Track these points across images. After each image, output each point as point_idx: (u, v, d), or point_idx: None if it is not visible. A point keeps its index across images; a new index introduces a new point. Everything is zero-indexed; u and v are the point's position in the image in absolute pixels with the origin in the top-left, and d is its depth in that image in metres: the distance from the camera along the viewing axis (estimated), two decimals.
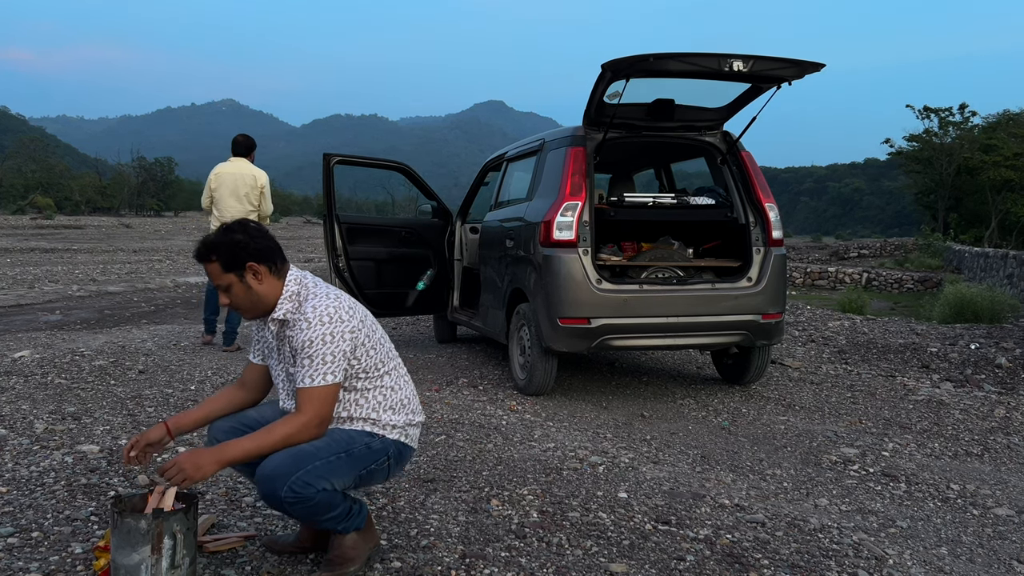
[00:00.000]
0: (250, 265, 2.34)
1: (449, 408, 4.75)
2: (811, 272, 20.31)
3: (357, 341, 2.38)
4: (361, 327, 2.40)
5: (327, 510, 2.33)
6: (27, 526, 2.75)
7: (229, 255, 2.32)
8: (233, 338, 6.78)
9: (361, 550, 2.49)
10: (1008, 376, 6.38)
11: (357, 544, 2.48)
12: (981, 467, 4.17)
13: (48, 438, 3.83)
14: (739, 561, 2.73)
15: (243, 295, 2.37)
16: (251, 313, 2.41)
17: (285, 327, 2.40)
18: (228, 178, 6.67)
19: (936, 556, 2.98)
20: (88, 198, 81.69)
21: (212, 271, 2.35)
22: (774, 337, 5.39)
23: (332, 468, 2.30)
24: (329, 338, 2.30)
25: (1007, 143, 40.16)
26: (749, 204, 5.43)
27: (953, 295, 10.70)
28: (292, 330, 2.35)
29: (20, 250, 22.53)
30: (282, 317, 2.39)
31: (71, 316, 9.52)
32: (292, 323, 2.36)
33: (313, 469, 2.25)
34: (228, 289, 2.36)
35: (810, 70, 4.86)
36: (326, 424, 2.34)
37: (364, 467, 2.39)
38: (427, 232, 6.84)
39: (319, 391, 2.29)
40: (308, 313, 2.32)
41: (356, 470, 2.37)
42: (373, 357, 2.44)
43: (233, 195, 6.61)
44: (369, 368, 2.43)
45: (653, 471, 3.72)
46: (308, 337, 2.30)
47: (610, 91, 4.98)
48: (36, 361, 5.74)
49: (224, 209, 6.60)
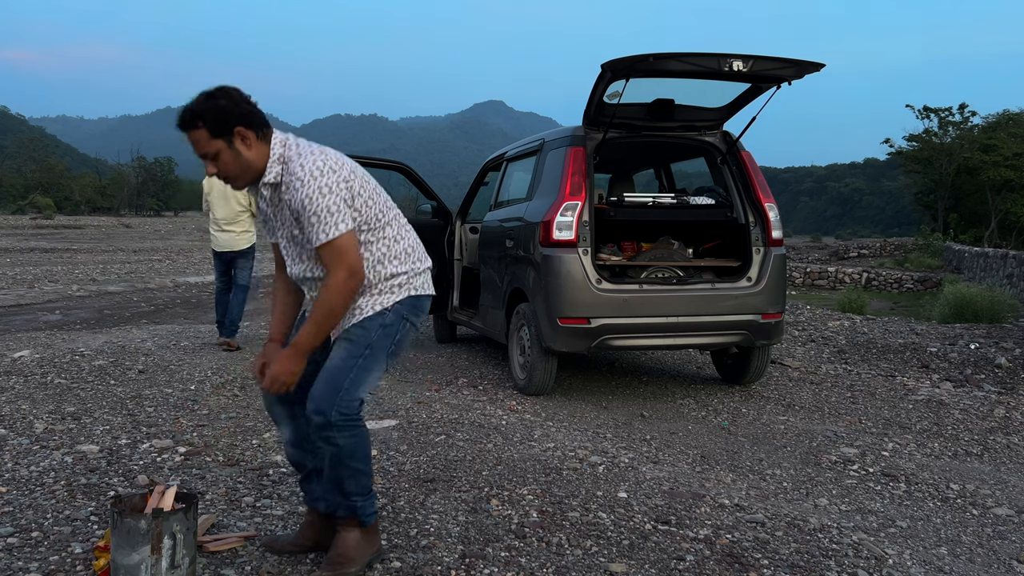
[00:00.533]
0: (238, 130, 2.26)
1: (449, 408, 4.75)
2: (811, 272, 20.32)
3: (353, 191, 2.34)
4: (353, 177, 2.36)
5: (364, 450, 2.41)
6: (27, 526, 2.75)
7: (216, 120, 2.24)
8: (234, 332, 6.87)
9: (363, 551, 2.48)
10: (1008, 376, 6.38)
11: (360, 545, 2.48)
12: (981, 467, 4.17)
13: (48, 438, 3.83)
14: (739, 561, 2.73)
15: (232, 162, 2.29)
16: (241, 181, 2.34)
17: (278, 190, 2.37)
18: (217, 182, 6.74)
19: (936, 556, 2.98)
20: (88, 198, 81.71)
21: (198, 138, 2.26)
22: (774, 337, 5.39)
23: (364, 370, 2.37)
24: (326, 190, 2.27)
25: (1007, 143, 40.18)
26: (749, 204, 5.43)
27: (953, 295, 10.71)
28: (287, 192, 2.31)
29: (20, 250, 22.53)
30: (273, 180, 2.34)
31: (71, 316, 9.52)
32: (285, 185, 2.31)
33: (349, 384, 2.33)
34: (216, 157, 2.27)
35: (810, 70, 4.86)
36: (359, 273, 2.32)
37: (389, 345, 2.44)
38: (427, 232, 6.84)
39: (337, 243, 2.28)
40: (298, 171, 2.27)
41: (384, 354, 2.43)
42: (372, 208, 2.42)
43: (222, 197, 6.76)
44: (371, 219, 2.42)
45: (653, 471, 3.72)
46: (305, 194, 2.26)
47: (610, 91, 4.98)
48: (36, 361, 5.74)
49: (216, 212, 6.76)
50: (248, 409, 4.57)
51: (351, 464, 2.39)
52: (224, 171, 2.31)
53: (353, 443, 2.37)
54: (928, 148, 44.07)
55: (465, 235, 6.96)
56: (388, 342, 2.44)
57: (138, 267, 17.78)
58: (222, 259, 6.96)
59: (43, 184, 76.31)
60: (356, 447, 2.38)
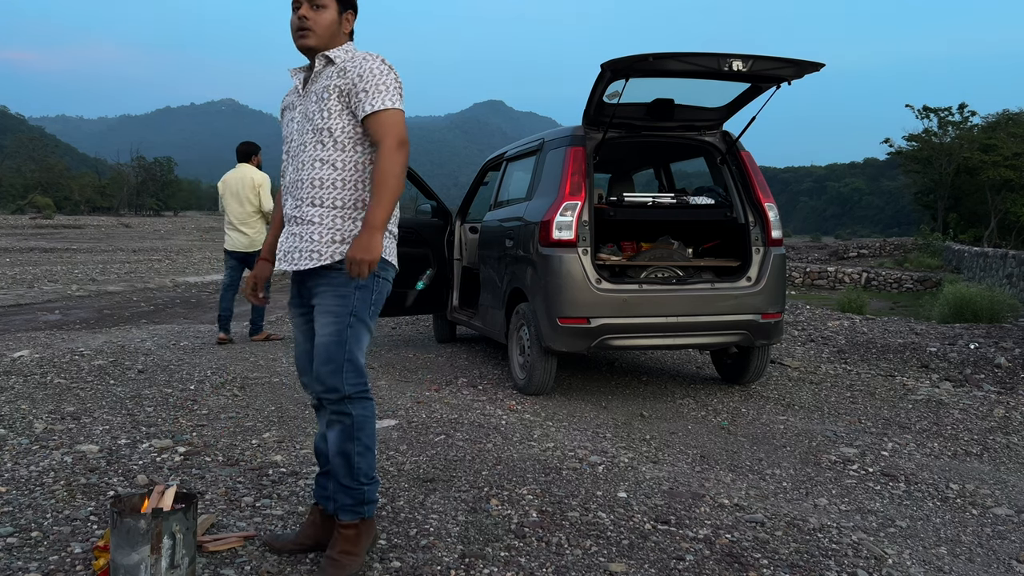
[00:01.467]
0: (349, 13, 2.51)
1: (448, 408, 4.75)
2: (810, 272, 20.33)
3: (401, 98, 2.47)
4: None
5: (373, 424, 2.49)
6: (26, 526, 2.75)
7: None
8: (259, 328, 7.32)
9: (363, 543, 2.52)
10: (1007, 376, 6.38)
11: (360, 538, 2.51)
12: (980, 467, 4.17)
13: (47, 438, 3.83)
14: (738, 561, 2.73)
15: (327, 23, 2.45)
16: (313, 38, 2.45)
17: (330, 65, 2.49)
18: (230, 183, 7.20)
19: (935, 556, 2.99)
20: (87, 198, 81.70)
21: None
22: (773, 337, 5.39)
23: (355, 338, 2.44)
24: (388, 70, 2.43)
25: (1006, 143, 40.19)
26: (748, 204, 5.43)
27: (952, 295, 10.71)
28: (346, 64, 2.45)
29: (19, 250, 22.52)
30: (333, 57, 2.48)
31: (70, 316, 9.52)
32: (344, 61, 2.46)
33: (348, 355, 2.42)
34: (321, 9, 2.44)
35: (809, 70, 4.86)
36: (406, 145, 2.40)
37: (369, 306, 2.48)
38: (426, 232, 6.84)
39: (389, 115, 2.39)
40: (368, 56, 2.45)
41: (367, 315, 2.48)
42: None
43: (235, 198, 7.12)
44: None
45: (652, 471, 3.72)
46: (369, 67, 2.41)
47: (610, 91, 4.98)
48: (35, 361, 5.74)
49: (229, 212, 7.15)
50: (248, 409, 4.57)
51: (362, 438, 2.45)
52: (314, 23, 2.44)
53: (364, 414, 2.45)
54: (928, 148, 44.08)
55: (465, 235, 6.96)
56: (367, 304, 2.48)
57: (138, 267, 17.78)
58: (235, 258, 7.17)
59: (42, 184, 76.30)
60: (366, 419, 2.46)
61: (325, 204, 2.46)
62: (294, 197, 2.51)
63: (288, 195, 2.55)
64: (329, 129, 2.44)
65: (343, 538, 2.48)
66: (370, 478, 2.50)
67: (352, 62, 2.44)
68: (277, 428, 4.17)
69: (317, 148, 2.46)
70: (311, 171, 2.47)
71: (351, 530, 2.49)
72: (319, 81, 2.49)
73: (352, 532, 2.49)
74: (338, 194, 2.46)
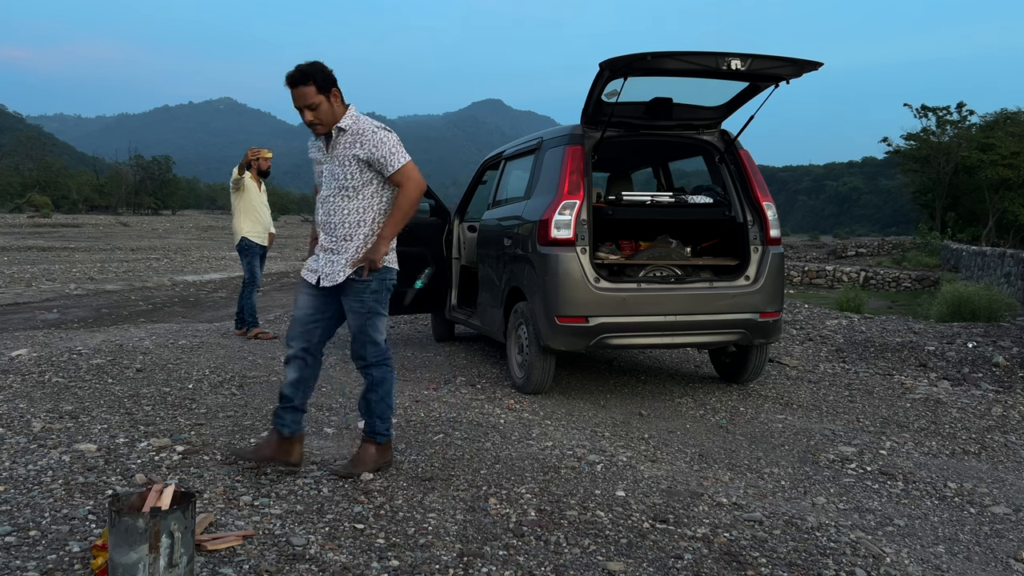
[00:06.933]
0: (334, 90, 3.24)
1: (447, 407, 4.75)
2: (809, 271, 20.35)
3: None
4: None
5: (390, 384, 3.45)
6: (25, 525, 2.75)
7: (323, 80, 3.20)
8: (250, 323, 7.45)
9: (375, 461, 3.42)
10: (1005, 375, 6.39)
11: (374, 457, 3.42)
12: (978, 465, 4.18)
13: (45, 437, 3.82)
14: (737, 559, 2.73)
15: (327, 111, 3.23)
16: (325, 126, 3.27)
17: (343, 134, 3.30)
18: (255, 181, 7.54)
19: (933, 554, 2.99)
20: (85, 196, 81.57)
21: (306, 93, 3.18)
22: (772, 336, 5.40)
23: (373, 327, 3.37)
24: (388, 134, 3.32)
25: (1004, 142, 40.23)
26: (747, 203, 5.43)
27: (950, 294, 10.72)
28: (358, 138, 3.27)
29: (17, 248, 22.50)
30: (345, 126, 3.29)
31: (68, 314, 9.51)
32: (355, 132, 3.28)
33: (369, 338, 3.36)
34: (317, 108, 3.21)
35: (808, 69, 4.86)
36: (423, 186, 3.39)
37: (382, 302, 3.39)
38: (425, 230, 6.83)
39: (407, 168, 3.32)
40: (366, 125, 3.30)
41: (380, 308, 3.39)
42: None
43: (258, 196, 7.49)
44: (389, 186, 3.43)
45: (651, 470, 3.73)
46: (379, 138, 3.27)
47: (608, 89, 4.98)
48: (33, 359, 5.74)
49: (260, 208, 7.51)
50: (246, 408, 4.57)
51: (380, 391, 3.42)
52: (319, 117, 3.24)
53: (382, 375, 3.43)
54: (926, 147, 44.13)
55: (463, 234, 6.96)
56: (379, 301, 3.40)
57: (136, 266, 17.77)
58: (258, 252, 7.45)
59: (40, 182, 76.20)
60: (383, 379, 3.43)
61: (354, 239, 3.35)
62: (328, 234, 3.37)
63: (322, 231, 3.39)
64: (354, 187, 3.32)
65: (364, 449, 3.44)
66: (383, 418, 3.45)
67: (363, 135, 3.27)
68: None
69: (344, 200, 3.34)
70: (341, 216, 3.34)
71: (369, 445, 3.43)
72: (339, 148, 3.32)
73: (370, 448, 3.42)
74: (361, 230, 3.36)
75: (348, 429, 4.20)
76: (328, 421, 4.35)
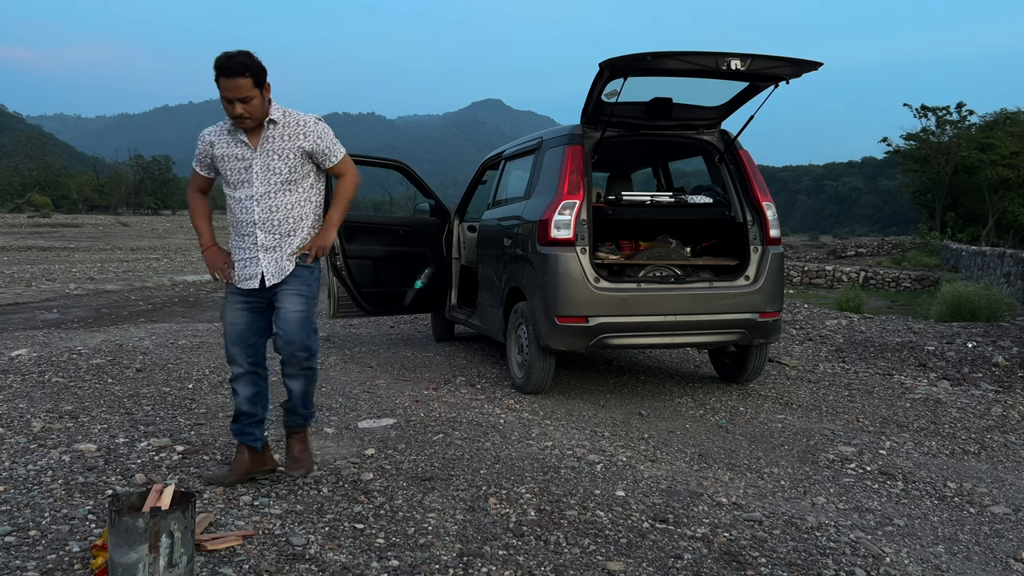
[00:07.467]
0: (267, 84, 3.10)
1: (447, 407, 4.75)
2: (808, 271, 20.36)
3: None
4: None
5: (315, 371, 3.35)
6: (24, 525, 2.75)
7: (260, 74, 3.06)
8: None
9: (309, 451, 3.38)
10: (1005, 375, 6.39)
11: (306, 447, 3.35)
12: (978, 465, 4.18)
13: (45, 436, 3.83)
14: (736, 559, 2.73)
15: (258, 107, 3.08)
16: (253, 121, 3.11)
17: (275, 126, 3.16)
18: None
19: (933, 554, 2.99)
20: (85, 196, 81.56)
21: (242, 85, 3.01)
22: (771, 335, 5.40)
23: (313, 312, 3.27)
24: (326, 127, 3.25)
25: (1004, 142, 40.23)
26: (747, 202, 5.43)
27: (950, 294, 10.72)
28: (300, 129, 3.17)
29: (17, 248, 22.50)
30: (276, 119, 3.16)
31: (68, 314, 9.51)
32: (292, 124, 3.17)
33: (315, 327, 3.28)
34: (250, 101, 3.05)
35: (808, 69, 4.86)
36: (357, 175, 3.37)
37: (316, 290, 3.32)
38: (425, 230, 6.84)
39: (345, 159, 3.30)
40: (303, 117, 3.21)
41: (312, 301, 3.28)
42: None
43: None
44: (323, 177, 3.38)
45: (651, 469, 3.73)
46: (321, 128, 3.21)
47: (608, 89, 4.98)
48: (33, 359, 5.74)
49: None
50: None
51: (315, 381, 3.36)
52: (251, 112, 3.07)
53: (317, 366, 3.35)
54: (926, 147, 44.12)
55: (463, 234, 6.96)
56: (317, 286, 3.34)
57: (136, 265, 17.77)
58: None
59: (40, 182, 76.19)
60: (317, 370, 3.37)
61: (298, 233, 3.23)
62: (269, 232, 3.19)
63: (261, 230, 3.19)
64: (295, 180, 3.20)
65: (297, 440, 3.32)
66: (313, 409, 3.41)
67: (304, 126, 3.18)
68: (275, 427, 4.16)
69: (286, 194, 3.20)
70: (285, 211, 3.20)
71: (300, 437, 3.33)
72: (274, 141, 3.16)
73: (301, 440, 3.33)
74: (305, 223, 3.26)
75: (348, 429, 4.20)
76: (328, 421, 4.35)
